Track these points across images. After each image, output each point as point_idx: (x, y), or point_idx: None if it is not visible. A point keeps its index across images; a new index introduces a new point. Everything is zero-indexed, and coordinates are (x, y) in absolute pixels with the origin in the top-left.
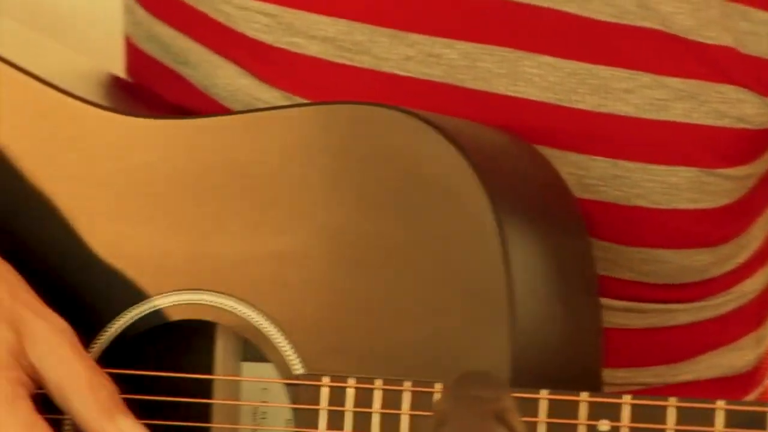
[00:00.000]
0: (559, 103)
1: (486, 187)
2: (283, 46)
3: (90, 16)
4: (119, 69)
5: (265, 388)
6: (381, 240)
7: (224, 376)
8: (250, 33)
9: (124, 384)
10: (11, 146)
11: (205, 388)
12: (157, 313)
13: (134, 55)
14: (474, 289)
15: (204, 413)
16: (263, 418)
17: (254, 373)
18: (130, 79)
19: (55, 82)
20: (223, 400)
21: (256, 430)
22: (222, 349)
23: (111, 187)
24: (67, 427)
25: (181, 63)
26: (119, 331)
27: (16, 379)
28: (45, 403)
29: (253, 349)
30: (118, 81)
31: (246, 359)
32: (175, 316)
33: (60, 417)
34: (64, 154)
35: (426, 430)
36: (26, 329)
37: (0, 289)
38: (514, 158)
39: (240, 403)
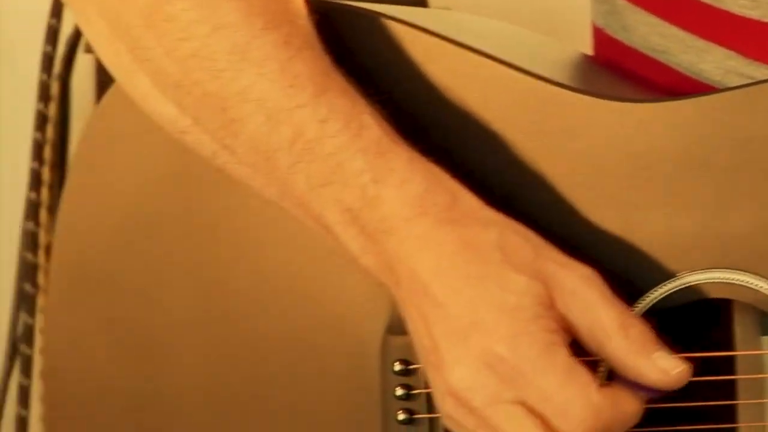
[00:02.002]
0: None
1: None
2: None
3: (557, 5)
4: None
5: None
6: None
7: (748, 351)
8: (737, 10)
9: None
10: (510, 141)
11: (726, 367)
12: (674, 296)
13: (607, 45)
14: None
15: (728, 391)
16: None
17: None
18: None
19: (536, 70)
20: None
21: None
22: (741, 325)
23: (615, 174)
24: (600, 371)
25: (661, 52)
26: (646, 309)
27: (550, 328)
28: None
29: None
30: (591, 61)
31: (766, 333)
32: (692, 296)
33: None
34: (564, 146)
35: None
36: (553, 282)
37: (525, 248)
38: None
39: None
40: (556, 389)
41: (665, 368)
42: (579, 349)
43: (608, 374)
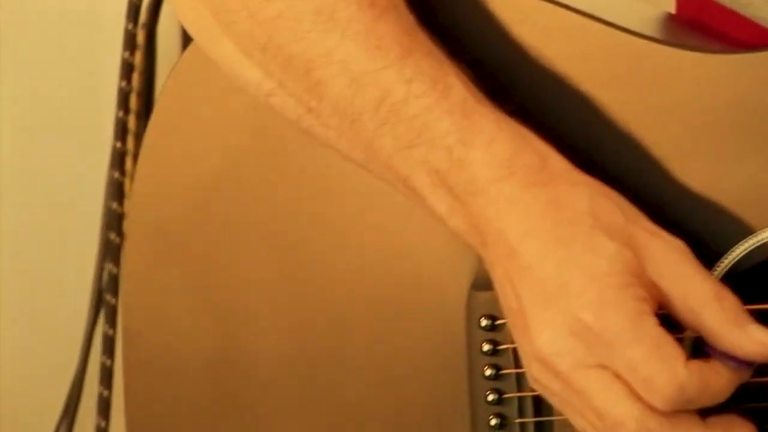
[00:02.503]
0: None
1: None
2: None
3: None
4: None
5: None
6: None
7: None
8: None
9: None
10: (595, 95)
11: None
12: (763, 247)
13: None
14: None
15: None
16: None
17: None
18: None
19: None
20: None
21: None
22: None
23: (701, 126)
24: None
25: (744, 5)
26: (726, 269)
27: (640, 297)
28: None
29: None
30: (676, 20)
31: None
32: None
33: (681, 336)
34: (650, 98)
35: None
36: (643, 249)
37: (615, 213)
38: None
39: None
40: (642, 360)
41: (762, 340)
42: (665, 320)
43: (692, 348)
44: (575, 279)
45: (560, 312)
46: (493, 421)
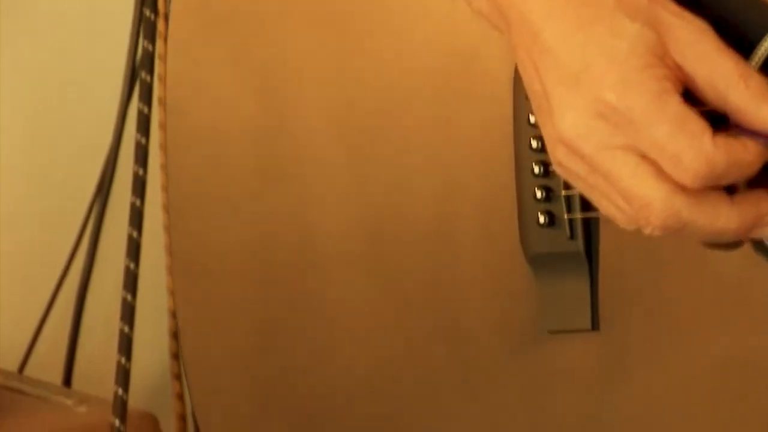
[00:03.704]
0: None
1: None
2: None
3: None
4: None
5: None
6: None
7: None
8: None
9: None
10: None
11: None
12: None
13: None
14: None
15: None
16: None
17: None
18: None
19: None
20: None
21: None
22: None
23: None
24: None
25: None
26: (764, 57)
27: (662, 76)
28: None
29: None
30: None
31: None
32: None
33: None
34: None
35: None
36: (667, 30)
37: None
38: None
39: None
40: (668, 138)
41: None
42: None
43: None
44: (597, 61)
45: (583, 94)
46: (542, 219)
